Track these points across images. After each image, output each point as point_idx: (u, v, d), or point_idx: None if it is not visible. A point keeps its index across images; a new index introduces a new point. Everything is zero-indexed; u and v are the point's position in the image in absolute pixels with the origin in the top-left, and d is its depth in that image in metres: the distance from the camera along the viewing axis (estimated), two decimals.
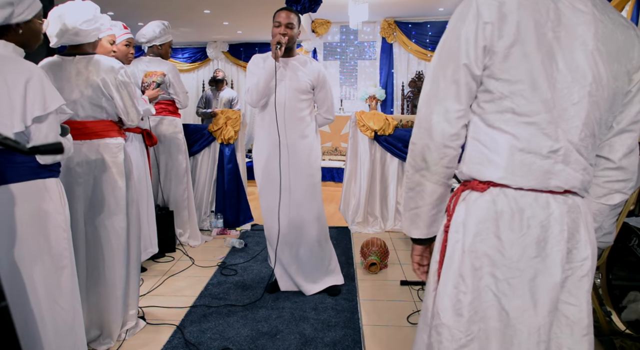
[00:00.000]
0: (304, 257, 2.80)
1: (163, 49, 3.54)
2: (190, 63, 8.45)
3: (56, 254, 1.63)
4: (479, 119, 1.09)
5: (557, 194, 1.06)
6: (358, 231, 4.21)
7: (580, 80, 1.02)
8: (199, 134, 4.25)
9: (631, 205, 2.29)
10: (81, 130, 2.16)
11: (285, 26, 2.56)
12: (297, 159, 2.69)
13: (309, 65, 2.70)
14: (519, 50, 1.00)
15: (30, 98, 1.50)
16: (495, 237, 1.06)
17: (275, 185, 2.69)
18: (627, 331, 2.18)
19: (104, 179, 2.18)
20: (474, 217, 1.08)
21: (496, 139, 1.05)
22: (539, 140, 1.03)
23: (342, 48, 8.12)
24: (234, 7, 5.60)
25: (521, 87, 1.01)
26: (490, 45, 1.02)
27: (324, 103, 2.79)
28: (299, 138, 2.69)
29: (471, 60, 1.04)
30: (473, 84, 1.07)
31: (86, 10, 2.09)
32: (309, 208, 2.75)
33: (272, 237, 2.79)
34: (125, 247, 2.25)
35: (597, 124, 1.06)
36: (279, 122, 2.62)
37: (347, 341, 2.31)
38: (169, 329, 2.43)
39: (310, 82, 2.67)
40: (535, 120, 1.02)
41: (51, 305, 1.62)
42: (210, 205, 4.33)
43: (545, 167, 1.04)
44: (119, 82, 2.20)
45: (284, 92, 2.63)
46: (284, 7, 2.65)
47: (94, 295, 2.23)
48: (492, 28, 1.01)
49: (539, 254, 1.05)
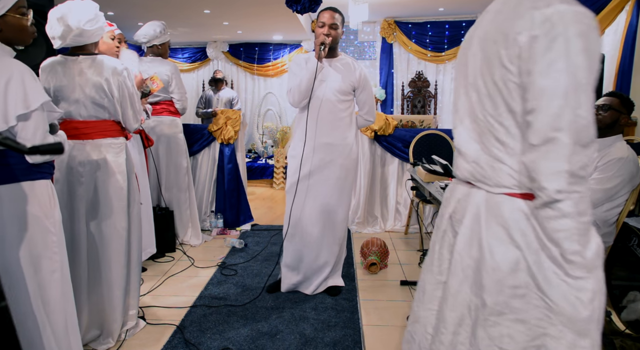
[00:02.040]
0: (324, 258, 2.80)
1: (163, 48, 3.54)
2: (190, 63, 8.44)
3: (45, 258, 1.59)
4: None
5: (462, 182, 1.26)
6: (358, 231, 4.20)
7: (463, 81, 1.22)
8: (199, 134, 4.25)
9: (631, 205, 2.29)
10: (83, 130, 2.16)
11: (329, 27, 2.57)
12: (335, 160, 2.69)
13: (352, 67, 2.70)
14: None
15: (11, 97, 1.47)
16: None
17: (309, 182, 2.69)
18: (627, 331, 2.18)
19: (106, 178, 2.18)
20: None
21: None
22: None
23: (342, 48, 8.11)
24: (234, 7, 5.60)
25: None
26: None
27: (365, 104, 2.79)
28: (339, 140, 2.69)
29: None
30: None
31: (87, 9, 2.07)
32: (337, 210, 2.75)
33: (296, 234, 2.76)
34: (126, 247, 2.25)
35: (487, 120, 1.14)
36: (321, 122, 2.63)
37: (347, 341, 2.31)
38: (169, 329, 2.43)
39: (352, 84, 2.68)
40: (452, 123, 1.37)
41: (40, 310, 1.58)
42: (210, 205, 4.33)
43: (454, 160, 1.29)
44: (121, 84, 2.19)
45: (325, 92, 2.63)
46: (329, 7, 2.65)
47: (95, 295, 2.23)
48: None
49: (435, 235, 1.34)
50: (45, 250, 1.59)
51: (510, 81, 1.04)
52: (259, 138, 7.65)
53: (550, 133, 0.96)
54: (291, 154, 2.77)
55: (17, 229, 1.54)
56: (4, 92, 1.46)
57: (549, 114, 0.96)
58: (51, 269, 1.61)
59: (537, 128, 0.98)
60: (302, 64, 2.66)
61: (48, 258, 1.60)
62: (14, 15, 1.52)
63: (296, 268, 2.83)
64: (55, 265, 1.62)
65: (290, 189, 2.74)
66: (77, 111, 2.15)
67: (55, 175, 2.10)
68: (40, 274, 1.59)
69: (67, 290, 1.69)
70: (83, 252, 2.18)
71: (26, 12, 1.56)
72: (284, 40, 8.03)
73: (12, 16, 1.52)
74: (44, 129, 1.57)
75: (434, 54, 7.22)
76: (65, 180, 2.15)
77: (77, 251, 2.15)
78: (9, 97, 1.47)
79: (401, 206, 4.30)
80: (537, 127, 0.98)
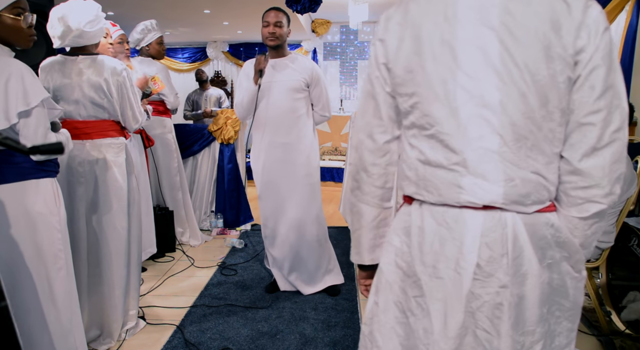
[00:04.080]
0: (305, 257, 2.80)
1: (151, 48, 3.52)
2: (190, 63, 8.45)
3: (51, 255, 1.61)
4: (403, 136, 1.06)
5: (476, 209, 0.93)
6: None
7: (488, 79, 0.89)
8: (199, 134, 4.25)
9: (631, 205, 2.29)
10: (83, 130, 2.16)
11: (273, 25, 2.57)
12: (296, 159, 2.68)
13: (301, 63, 2.69)
14: (412, 62, 0.95)
15: (11, 94, 1.48)
16: (409, 252, 1.01)
17: (275, 186, 2.69)
18: (627, 331, 2.18)
19: (106, 178, 2.18)
20: (396, 230, 1.06)
21: (408, 153, 1.02)
22: (439, 153, 0.95)
23: (342, 48, 8.12)
24: (234, 7, 5.60)
25: (417, 99, 0.96)
26: (386, 62, 1.00)
27: (319, 100, 2.77)
28: (298, 138, 2.68)
29: (379, 76, 1.03)
30: (389, 99, 1.03)
31: (89, 10, 2.07)
32: (308, 208, 2.74)
33: (271, 237, 2.79)
34: (126, 247, 2.25)
35: (526, 124, 0.89)
36: (276, 123, 2.63)
37: (347, 341, 2.31)
38: (169, 329, 2.43)
39: (304, 80, 2.66)
40: (432, 133, 0.95)
41: (47, 307, 1.61)
42: (210, 205, 4.33)
43: (451, 180, 0.93)
44: (121, 84, 2.19)
45: (278, 93, 2.62)
46: (272, 7, 2.65)
47: (95, 295, 2.23)
48: (383, 45, 1.00)
49: (443, 275, 0.95)
50: (51, 248, 1.62)
51: (565, 75, 0.89)
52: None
53: (615, 134, 0.91)
54: (253, 159, 2.78)
55: (24, 227, 1.56)
56: (4, 90, 1.47)
57: (620, 113, 0.90)
58: (57, 266, 1.63)
59: (603, 129, 0.90)
60: (251, 74, 2.64)
61: (54, 255, 1.62)
62: (8, 15, 1.52)
63: (283, 268, 2.84)
64: (60, 262, 1.64)
65: (262, 194, 2.76)
66: (76, 111, 2.15)
67: None
68: (47, 272, 1.61)
69: (72, 288, 1.71)
70: (83, 252, 2.18)
71: (23, 13, 1.55)
72: None
73: (7, 16, 1.52)
74: (45, 126, 1.58)
75: None
76: (65, 180, 2.15)
77: (77, 251, 2.15)
78: (10, 94, 1.47)
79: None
80: (603, 128, 0.90)
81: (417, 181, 0.99)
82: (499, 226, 0.92)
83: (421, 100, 0.95)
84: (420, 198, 0.99)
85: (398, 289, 1.02)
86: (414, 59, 0.95)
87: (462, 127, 0.91)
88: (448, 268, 0.95)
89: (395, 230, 1.06)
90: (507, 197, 0.91)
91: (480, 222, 0.92)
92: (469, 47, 0.90)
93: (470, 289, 0.93)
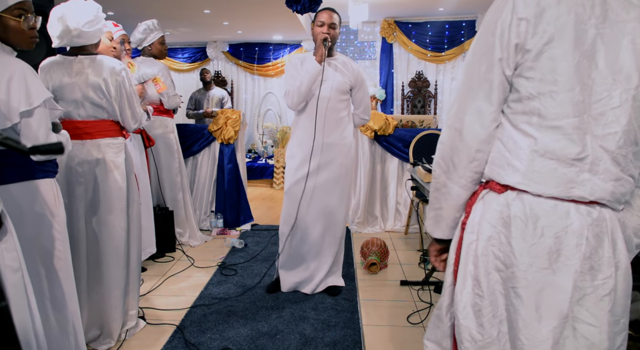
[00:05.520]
0: (317, 256, 2.80)
1: (153, 48, 3.53)
2: (190, 63, 8.44)
3: (51, 256, 1.62)
4: (505, 119, 1.03)
5: (581, 203, 0.96)
6: (358, 231, 4.20)
7: (624, 82, 0.93)
8: (199, 134, 4.25)
9: None
10: (82, 130, 2.16)
11: (328, 26, 2.58)
12: (335, 159, 2.69)
13: (349, 66, 2.71)
14: (554, 48, 0.93)
15: (14, 94, 1.48)
16: (506, 242, 1.00)
17: (311, 183, 2.68)
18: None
19: (105, 178, 2.18)
20: (488, 219, 1.03)
21: (518, 141, 0.99)
22: (563, 146, 0.95)
23: (342, 48, 8.11)
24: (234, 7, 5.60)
25: (551, 87, 0.94)
26: (523, 43, 0.95)
27: (361, 103, 2.79)
28: (339, 139, 2.69)
29: (504, 57, 0.98)
30: (506, 83, 1.01)
31: (88, 10, 2.07)
32: (339, 208, 2.76)
33: (293, 235, 2.76)
34: (125, 247, 2.25)
35: (635, 129, 0.95)
36: (319, 123, 2.62)
37: (347, 341, 2.31)
38: (169, 329, 2.43)
39: (350, 83, 2.68)
40: (560, 124, 0.94)
41: (47, 307, 1.61)
42: (210, 205, 4.33)
43: (568, 175, 0.95)
44: (120, 84, 2.19)
45: (325, 92, 2.63)
46: (327, 8, 2.66)
47: (95, 295, 2.23)
48: (527, 25, 0.94)
49: (550, 266, 0.97)
50: (51, 248, 1.62)
51: None
52: (259, 138, 7.65)
53: None
54: (289, 155, 2.77)
55: (24, 227, 1.56)
56: (6, 90, 1.47)
57: None
58: (57, 266, 1.64)
59: None
60: (298, 65, 2.65)
61: (54, 256, 1.63)
62: (8, 16, 1.52)
63: (296, 268, 2.83)
64: (61, 263, 1.65)
65: (290, 190, 2.73)
66: (75, 111, 2.15)
67: None
68: (47, 272, 1.61)
69: (72, 288, 1.71)
70: (82, 252, 2.18)
71: (24, 14, 1.55)
72: (284, 40, 8.04)
73: (7, 17, 1.52)
74: (47, 126, 1.58)
75: (434, 54, 7.22)
76: (64, 180, 2.15)
77: (77, 251, 2.15)
78: (12, 94, 1.48)
79: (401, 206, 4.30)
80: None
81: (526, 172, 0.98)
82: (601, 220, 0.96)
83: (557, 89, 0.94)
84: (525, 188, 0.98)
85: (499, 279, 1.03)
86: (556, 46, 0.93)
87: (591, 124, 0.94)
88: (553, 261, 0.96)
89: (485, 218, 1.04)
90: (613, 195, 0.96)
91: (585, 216, 0.96)
92: (612, 51, 0.93)
93: (575, 283, 0.95)
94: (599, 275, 0.96)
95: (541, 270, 0.97)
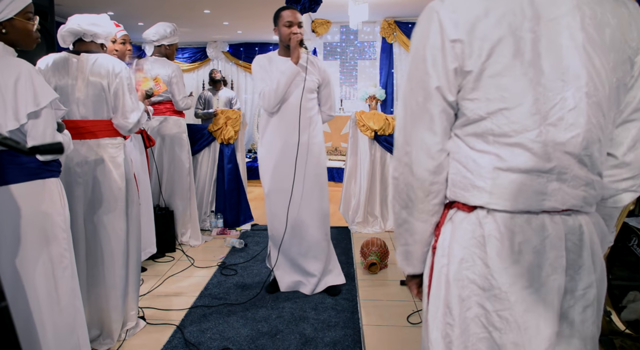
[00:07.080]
0: (311, 256, 2.80)
1: (170, 49, 3.55)
2: (190, 63, 8.45)
3: (56, 254, 1.63)
4: (459, 140, 0.96)
5: (555, 213, 0.92)
6: (358, 231, 4.20)
7: (574, 82, 0.88)
8: (199, 133, 4.25)
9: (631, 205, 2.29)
10: (81, 130, 2.16)
11: (297, 25, 2.56)
12: (309, 159, 2.69)
13: (315, 64, 2.70)
14: (494, 64, 0.87)
15: (21, 95, 1.50)
16: (482, 264, 0.93)
17: (286, 186, 2.68)
18: (627, 331, 2.18)
19: (104, 179, 2.18)
20: (458, 240, 0.96)
21: (478, 160, 0.92)
22: (525, 160, 0.89)
23: (342, 48, 8.11)
24: (234, 7, 5.60)
25: (499, 106, 0.88)
26: (462, 65, 0.89)
27: (327, 100, 2.79)
28: (311, 138, 2.70)
29: (442, 85, 0.91)
30: (449, 110, 0.94)
31: (97, 16, 2.15)
32: (318, 207, 2.76)
33: (278, 237, 2.78)
34: (124, 248, 2.25)
35: (600, 127, 0.91)
36: (291, 123, 2.62)
37: (347, 341, 2.31)
38: (169, 329, 2.43)
39: (317, 81, 2.68)
40: (518, 141, 0.88)
41: (52, 306, 1.62)
42: (210, 205, 4.33)
43: (536, 187, 0.90)
44: (118, 83, 2.19)
45: (297, 92, 2.62)
46: (287, 7, 2.63)
47: (94, 295, 2.23)
48: (462, 46, 0.88)
49: (531, 284, 0.91)
50: (57, 247, 1.63)
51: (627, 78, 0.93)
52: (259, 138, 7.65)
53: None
54: (262, 155, 2.76)
55: (30, 226, 1.57)
56: (13, 91, 1.49)
57: None
58: (62, 265, 1.65)
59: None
60: (267, 65, 2.62)
61: (59, 255, 1.64)
62: (21, 19, 1.55)
63: (290, 269, 2.84)
64: (65, 262, 1.66)
65: (271, 193, 2.74)
66: (75, 110, 2.15)
67: None
68: (53, 271, 1.62)
69: (76, 287, 1.72)
70: (82, 252, 2.18)
71: (32, 17, 1.61)
72: None
73: (20, 20, 1.56)
74: (53, 126, 1.60)
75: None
76: (63, 180, 2.15)
77: (76, 251, 2.15)
78: (19, 95, 1.50)
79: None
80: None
81: (493, 191, 0.91)
82: (577, 227, 0.93)
83: (506, 106, 0.88)
84: (495, 207, 0.92)
85: (475, 304, 0.95)
86: (496, 61, 0.87)
87: (551, 132, 0.88)
88: (536, 275, 0.91)
89: (456, 240, 0.97)
90: (586, 200, 0.93)
91: (561, 226, 0.92)
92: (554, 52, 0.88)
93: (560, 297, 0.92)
94: (580, 284, 0.93)
95: (524, 289, 0.91)
